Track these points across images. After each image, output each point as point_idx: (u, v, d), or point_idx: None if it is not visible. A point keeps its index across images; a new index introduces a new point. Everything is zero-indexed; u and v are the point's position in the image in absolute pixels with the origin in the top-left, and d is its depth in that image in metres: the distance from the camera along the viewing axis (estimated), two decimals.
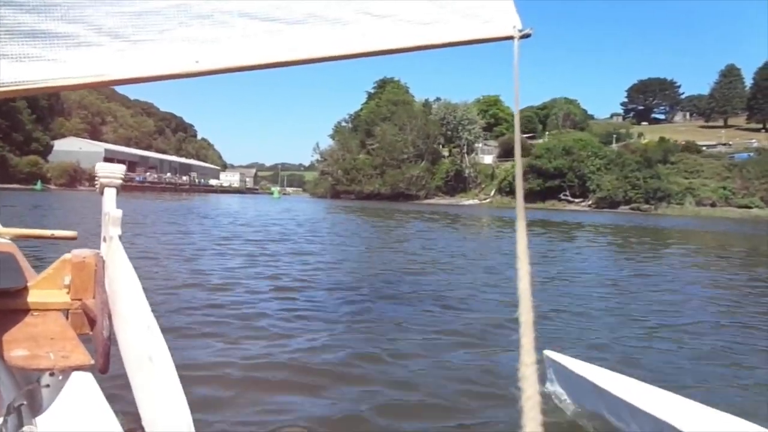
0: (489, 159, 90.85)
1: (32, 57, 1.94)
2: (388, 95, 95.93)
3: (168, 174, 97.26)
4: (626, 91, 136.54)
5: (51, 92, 2.13)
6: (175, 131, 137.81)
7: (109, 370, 1.44)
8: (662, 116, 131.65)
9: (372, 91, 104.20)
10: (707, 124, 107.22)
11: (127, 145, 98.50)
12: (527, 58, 2.04)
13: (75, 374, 1.28)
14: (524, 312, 1.34)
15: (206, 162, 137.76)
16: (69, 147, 76.95)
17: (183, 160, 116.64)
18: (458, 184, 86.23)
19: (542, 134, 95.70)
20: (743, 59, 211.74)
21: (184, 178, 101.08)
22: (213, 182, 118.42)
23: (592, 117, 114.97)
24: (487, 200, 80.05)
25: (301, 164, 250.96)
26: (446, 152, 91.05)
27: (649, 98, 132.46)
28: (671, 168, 75.56)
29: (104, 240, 1.99)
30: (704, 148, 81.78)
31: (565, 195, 75.26)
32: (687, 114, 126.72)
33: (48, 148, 71.86)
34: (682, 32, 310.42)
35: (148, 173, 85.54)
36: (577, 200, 74.60)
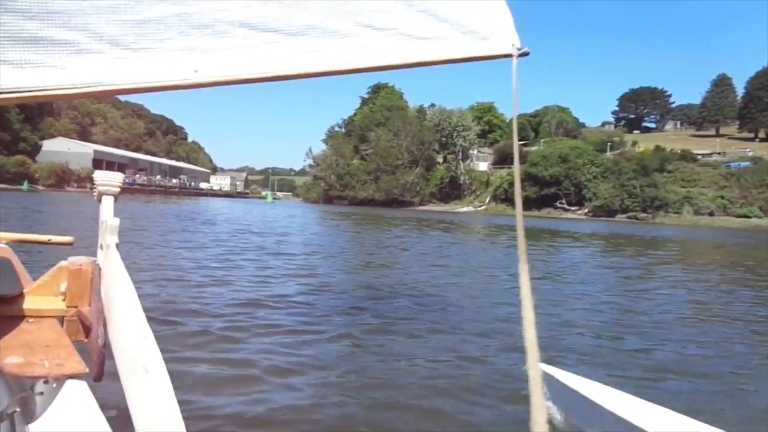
0: (484, 166, 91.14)
1: (33, 63, 1.97)
2: (383, 101, 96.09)
3: (158, 176, 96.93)
4: (617, 100, 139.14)
5: (51, 100, 2.16)
6: (166, 134, 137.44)
7: (103, 378, 1.46)
8: (653, 125, 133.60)
9: (366, 97, 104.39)
10: (699, 133, 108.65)
11: (117, 147, 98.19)
12: (521, 65, 2.05)
13: (69, 382, 1.29)
14: (528, 329, 1.38)
15: (197, 165, 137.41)
16: (58, 147, 76.64)
17: (173, 163, 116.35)
18: (453, 191, 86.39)
19: (534, 142, 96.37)
20: (733, 69, 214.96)
21: (174, 181, 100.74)
22: (203, 185, 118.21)
23: (584, 125, 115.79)
24: (483, 207, 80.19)
25: (292, 169, 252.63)
26: (441, 159, 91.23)
27: (640, 107, 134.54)
28: (668, 176, 75.96)
29: (101, 248, 2.01)
30: (699, 157, 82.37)
31: (561, 203, 75.47)
32: (678, 123, 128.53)
33: (36, 148, 71.57)
34: (672, 41, 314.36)
35: (138, 175, 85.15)
36: (574, 208, 74.85)
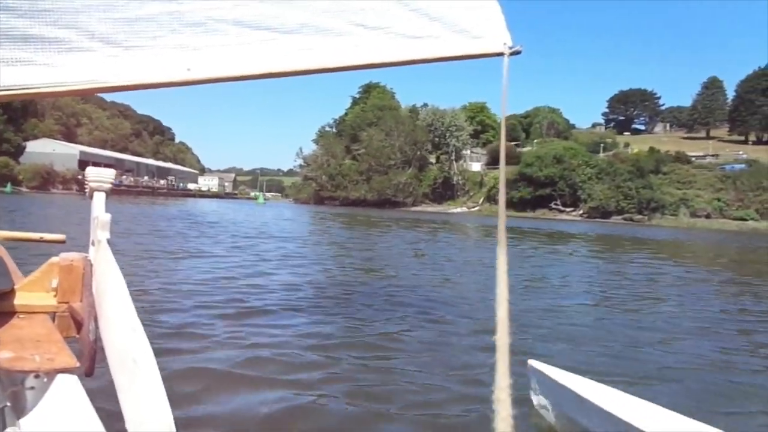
0: (477, 166, 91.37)
1: (24, 61, 1.98)
2: (374, 100, 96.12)
3: (145, 177, 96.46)
4: (607, 102, 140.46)
5: (42, 99, 2.18)
6: (153, 134, 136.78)
7: (95, 373, 1.48)
8: (642, 127, 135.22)
9: (357, 96, 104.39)
10: (690, 135, 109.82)
11: (103, 148, 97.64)
12: (511, 66, 2.08)
13: (60, 377, 1.30)
14: (501, 336, 1.35)
15: (184, 166, 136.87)
16: (42, 148, 76.01)
17: (161, 164, 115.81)
18: (446, 192, 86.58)
19: (526, 142, 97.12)
20: (723, 71, 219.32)
21: (162, 182, 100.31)
22: (191, 186, 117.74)
23: (574, 126, 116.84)
24: (476, 208, 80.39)
25: (280, 169, 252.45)
26: (433, 159, 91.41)
27: (630, 109, 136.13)
28: (663, 178, 76.43)
29: (92, 243, 2.03)
30: (693, 159, 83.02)
31: (556, 204, 75.72)
32: (667, 125, 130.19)
33: (20, 150, 71.00)
34: (662, 44, 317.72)
35: (125, 176, 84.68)
36: (568, 209, 75.16)
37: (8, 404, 1.28)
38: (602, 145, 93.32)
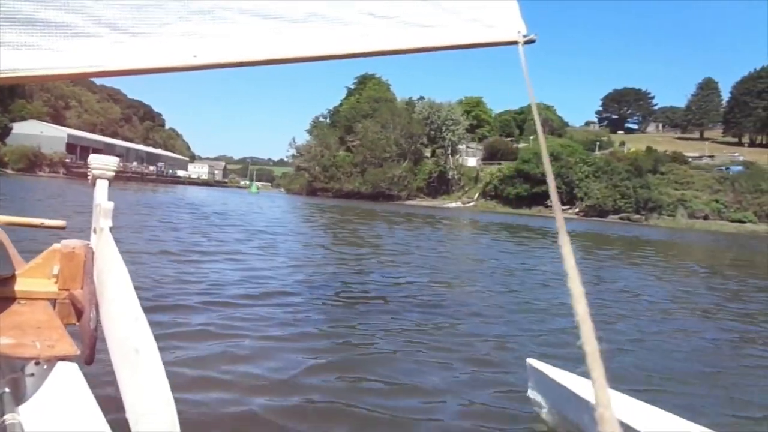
0: (473, 161, 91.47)
1: (30, 45, 1.99)
2: (370, 92, 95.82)
3: (134, 163, 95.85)
4: (601, 100, 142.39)
5: (46, 81, 2.18)
6: (143, 120, 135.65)
7: (95, 361, 1.49)
8: (635, 126, 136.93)
9: (352, 87, 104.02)
10: (684, 136, 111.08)
11: (92, 132, 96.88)
12: (508, 60, 2.06)
13: (60, 364, 1.32)
14: (589, 344, 1.21)
15: (174, 152, 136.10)
16: (29, 130, 75.36)
17: (150, 150, 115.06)
18: (441, 186, 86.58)
19: (520, 138, 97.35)
20: (717, 73, 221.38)
21: (152, 168, 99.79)
22: (181, 173, 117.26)
23: (567, 124, 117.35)
24: (471, 203, 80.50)
25: (270, 159, 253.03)
26: (429, 153, 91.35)
27: (624, 108, 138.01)
28: (661, 178, 76.77)
29: (94, 231, 2.04)
30: (690, 160, 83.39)
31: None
32: (660, 125, 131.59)
33: (6, 131, 70.38)
34: (656, 44, 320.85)
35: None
36: (564, 207, 75.23)
37: (7, 390, 1.28)
38: (598, 144, 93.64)
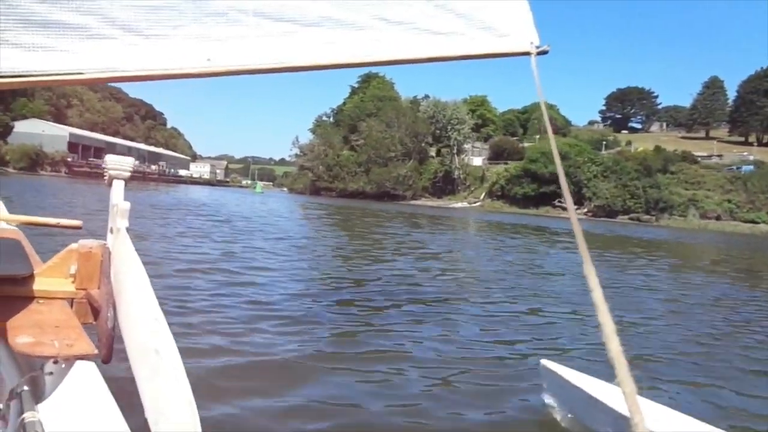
0: (478, 161, 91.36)
1: (44, 47, 2.02)
2: (374, 91, 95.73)
3: (136, 162, 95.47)
4: (605, 99, 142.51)
5: (60, 86, 2.21)
6: (144, 119, 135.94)
7: (112, 360, 1.52)
8: (639, 125, 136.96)
9: (356, 86, 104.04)
10: (690, 135, 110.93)
11: (93, 131, 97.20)
12: (510, 60, 2.08)
13: (78, 363, 1.35)
14: (619, 367, 1.20)
15: (176, 152, 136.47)
16: (31, 129, 75.69)
17: (152, 149, 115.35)
18: (446, 186, 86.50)
19: (524, 138, 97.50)
20: (721, 71, 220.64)
21: (153, 167, 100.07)
22: (183, 173, 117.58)
23: (570, 123, 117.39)
24: (478, 203, 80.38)
25: (271, 158, 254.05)
26: (434, 152, 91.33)
27: (627, 107, 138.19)
28: (671, 178, 76.31)
29: (111, 231, 2.08)
30: (699, 159, 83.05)
31: (560, 201, 75.09)
32: (663, 124, 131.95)
33: (7, 129, 70.73)
34: (660, 43, 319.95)
35: None
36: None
37: (27, 389, 1.31)
38: (604, 143, 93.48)
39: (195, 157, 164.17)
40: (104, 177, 2.25)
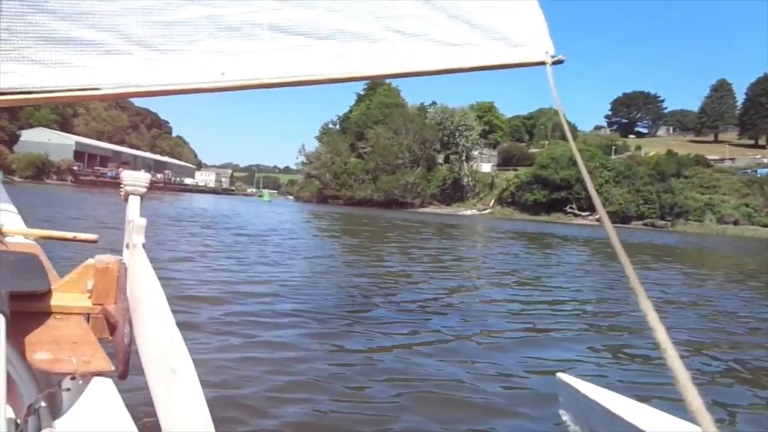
0: (487, 167, 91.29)
1: (62, 63, 2.07)
2: (380, 98, 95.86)
3: (142, 171, 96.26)
4: (611, 104, 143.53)
5: (79, 102, 2.25)
6: (150, 127, 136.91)
7: (128, 377, 1.54)
8: (645, 130, 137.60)
9: (362, 93, 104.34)
10: (698, 139, 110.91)
11: (99, 140, 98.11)
12: (539, 70, 2.09)
13: (96, 380, 1.37)
14: (678, 370, 1.11)
15: (181, 160, 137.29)
16: (37, 138, 76.48)
17: (158, 157, 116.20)
18: (455, 193, 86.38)
19: (530, 144, 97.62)
20: (728, 74, 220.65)
21: (159, 176, 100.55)
22: (188, 181, 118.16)
23: (576, 128, 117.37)
24: (487, 211, 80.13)
25: (276, 166, 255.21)
26: (441, 159, 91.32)
27: (633, 111, 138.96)
28: (685, 182, 75.44)
29: (127, 247, 2.11)
30: (712, 163, 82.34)
31: (572, 208, 74.65)
32: (670, 128, 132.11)
33: (14, 138, 71.46)
34: (666, 47, 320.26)
35: (121, 169, 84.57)
36: (584, 213, 74.18)
37: (44, 404, 1.33)
38: (614, 148, 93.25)
39: (200, 166, 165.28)
40: (120, 193, 2.28)
